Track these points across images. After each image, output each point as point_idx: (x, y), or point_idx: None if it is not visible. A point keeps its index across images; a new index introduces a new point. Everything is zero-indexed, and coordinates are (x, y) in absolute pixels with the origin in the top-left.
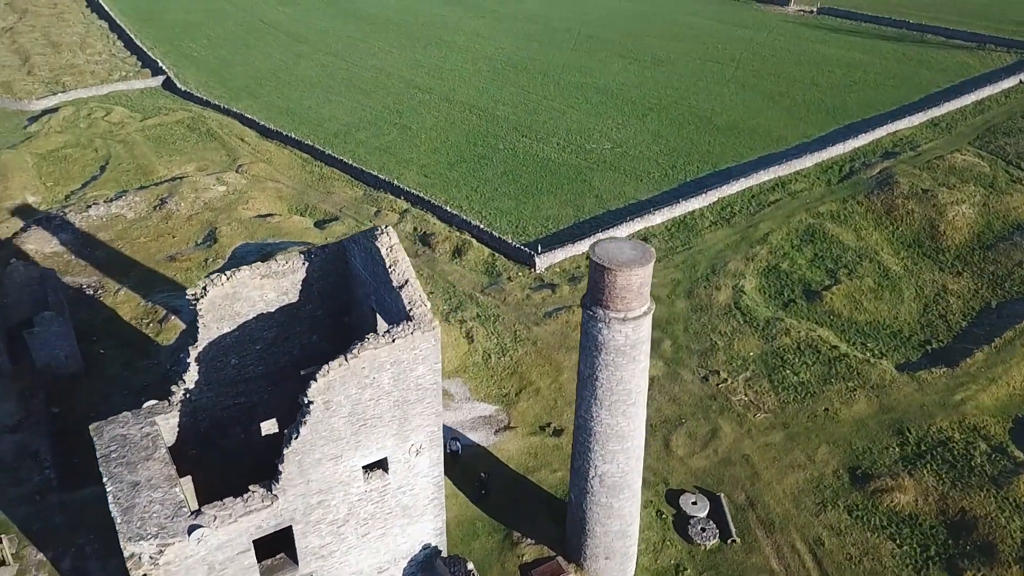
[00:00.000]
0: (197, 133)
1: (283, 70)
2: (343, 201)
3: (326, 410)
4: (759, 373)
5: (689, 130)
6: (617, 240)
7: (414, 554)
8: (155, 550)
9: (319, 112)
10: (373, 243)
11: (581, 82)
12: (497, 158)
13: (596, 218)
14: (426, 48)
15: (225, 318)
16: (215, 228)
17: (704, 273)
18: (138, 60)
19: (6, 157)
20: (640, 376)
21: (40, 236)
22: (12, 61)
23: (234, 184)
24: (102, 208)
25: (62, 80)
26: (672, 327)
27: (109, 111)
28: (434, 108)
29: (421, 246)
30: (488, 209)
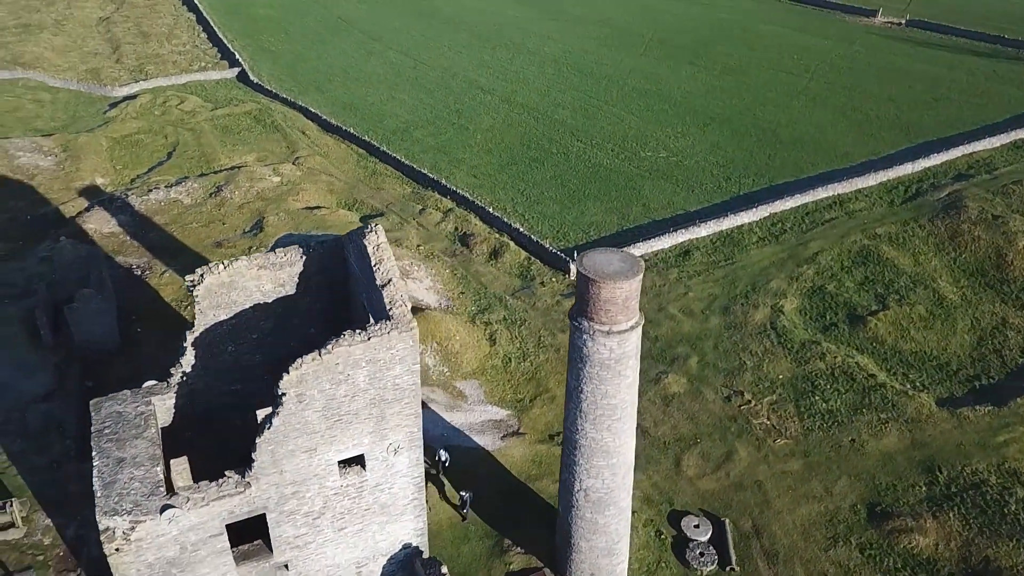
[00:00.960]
0: (262, 124)
1: (353, 66)
2: (391, 198)
3: (299, 403)
4: (786, 397)
5: (750, 142)
6: (606, 251)
7: (394, 552)
8: (128, 526)
9: (381, 109)
10: (361, 240)
11: (645, 88)
12: (548, 162)
13: (640, 227)
14: (494, 49)
15: (222, 306)
16: (263, 217)
17: (743, 290)
18: (218, 52)
19: (83, 140)
20: (626, 391)
21: (101, 216)
22: (104, 49)
23: (288, 175)
24: (162, 192)
25: (145, 69)
26: (701, 344)
27: (183, 100)
28: (493, 109)
29: (460, 246)
30: (532, 212)
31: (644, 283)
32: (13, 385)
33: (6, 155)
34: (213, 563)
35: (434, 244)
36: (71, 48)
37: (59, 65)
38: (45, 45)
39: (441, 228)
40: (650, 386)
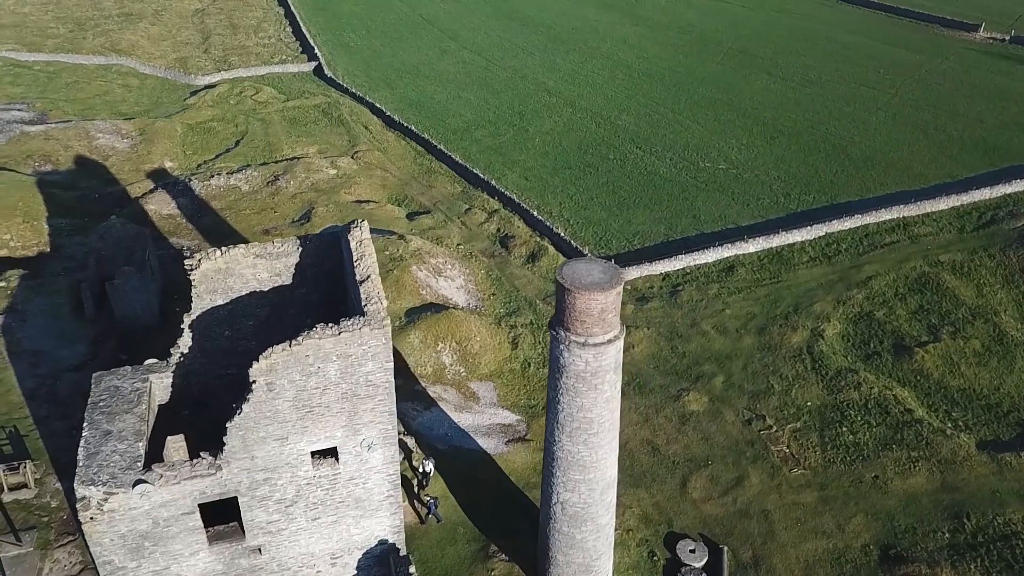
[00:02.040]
0: (329, 118)
1: (425, 64)
2: (440, 196)
3: (269, 391)
4: (810, 426)
5: (817, 158)
6: (589, 261)
7: (369, 547)
8: (102, 496)
9: (446, 107)
10: (347, 235)
11: (716, 98)
12: (603, 167)
13: (686, 239)
14: (568, 53)
15: (218, 291)
16: (313, 208)
17: (784, 311)
18: (300, 46)
19: (159, 125)
20: (603, 407)
21: (162, 198)
22: (194, 39)
23: (345, 169)
24: (222, 179)
25: (229, 60)
26: (730, 363)
27: (259, 90)
28: (556, 112)
29: (499, 247)
30: (578, 218)
31: (680, 297)
32: (52, 353)
33: (87, 136)
34: (185, 540)
35: (474, 244)
36: (165, 37)
37: (152, 53)
38: (142, 34)
39: (484, 228)
40: (669, 402)
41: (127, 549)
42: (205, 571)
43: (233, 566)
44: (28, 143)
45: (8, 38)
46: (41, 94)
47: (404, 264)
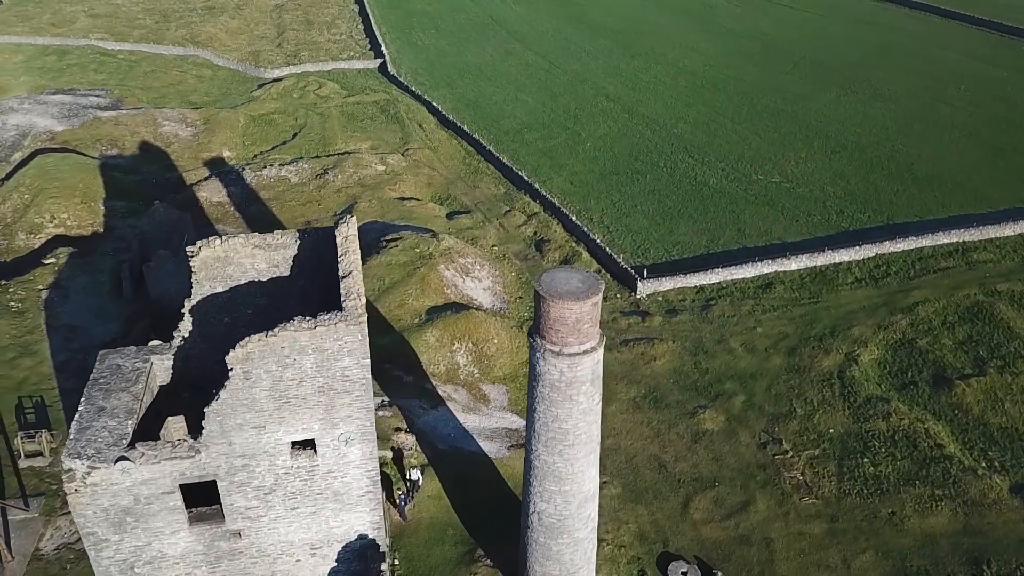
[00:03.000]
0: (385, 115)
1: (488, 65)
2: (483, 196)
3: (245, 380)
4: (829, 454)
5: (879, 175)
6: (571, 269)
7: (349, 540)
8: (86, 470)
9: (502, 108)
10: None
11: (779, 109)
12: (652, 175)
13: (728, 252)
14: (633, 58)
15: (218, 279)
16: (356, 203)
17: (820, 333)
18: (369, 43)
19: (223, 115)
20: (580, 418)
21: (214, 186)
22: (270, 34)
23: (393, 165)
24: (274, 170)
25: (300, 54)
26: (753, 383)
27: (322, 85)
28: (612, 118)
29: (534, 251)
30: (618, 225)
31: (711, 312)
32: (87, 328)
33: (153, 122)
34: (166, 519)
35: (509, 246)
36: (242, 31)
37: (228, 46)
38: (221, 27)
39: (521, 231)
40: (683, 419)
41: (110, 523)
42: (186, 550)
43: (213, 548)
44: (99, 128)
45: (99, 27)
46: (121, 81)
47: (432, 262)
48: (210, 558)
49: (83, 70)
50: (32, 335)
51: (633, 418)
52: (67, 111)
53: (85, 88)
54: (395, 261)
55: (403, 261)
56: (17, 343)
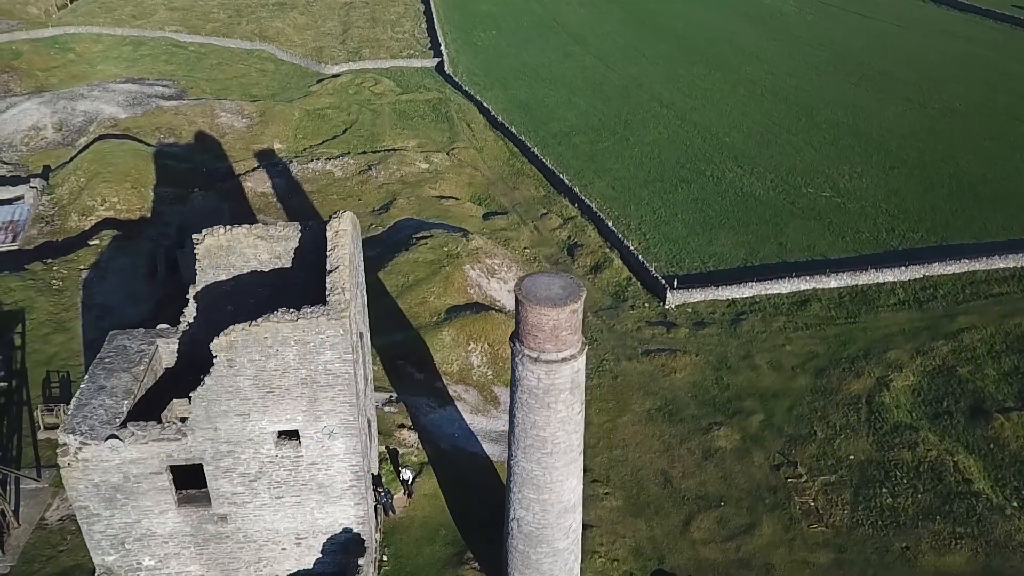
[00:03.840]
0: (436, 114)
1: (545, 67)
2: (522, 198)
3: (229, 368)
4: (846, 481)
5: (938, 194)
6: (554, 275)
7: (334, 533)
8: (78, 445)
9: (553, 111)
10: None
11: (839, 121)
12: (696, 184)
13: (765, 266)
14: (693, 64)
15: (221, 267)
16: (395, 200)
17: (852, 354)
18: (430, 42)
19: (279, 109)
20: (558, 427)
21: (260, 177)
22: (335, 31)
23: (437, 164)
24: (320, 164)
25: (361, 51)
26: (774, 402)
27: (378, 82)
28: (663, 123)
29: (565, 255)
30: (655, 233)
31: (740, 327)
32: (119, 309)
33: (211, 113)
34: (154, 498)
35: (541, 249)
36: (309, 27)
37: (294, 41)
38: (289, 23)
39: (555, 234)
40: (696, 434)
41: (101, 498)
42: (174, 531)
43: (201, 530)
44: (160, 116)
45: (175, 20)
46: (188, 73)
47: (458, 262)
48: (198, 540)
49: (155, 60)
50: (68, 312)
51: (644, 430)
52: (132, 99)
53: (154, 78)
54: (422, 259)
55: (430, 259)
56: (53, 319)
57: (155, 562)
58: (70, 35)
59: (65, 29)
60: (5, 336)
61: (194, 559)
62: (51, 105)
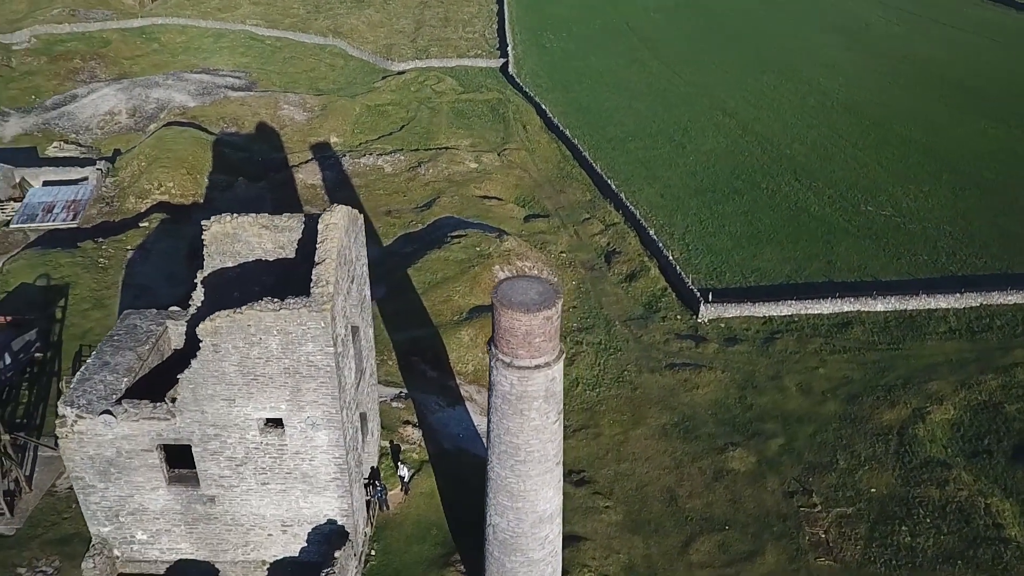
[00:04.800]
0: (494, 114)
1: (610, 71)
2: (567, 202)
3: (215, 353)
4: (863, 515)
5: (1010, 219)
6: (534, 280)
7: (319, 523)
8: (74, 418)
9: (611, 116)
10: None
11: (912, 137)
12: (750, 195)
13: (810, 284)
14: (763, 73)
15: (227, 254)
16: (438, 198)
17: (890, 382)
18: (499, 42)
19: (340, 104)
20: (531, 435)
21: (311, 169)
22: (407, 29)
23: (486, 164)
24: (371, 158)
25: (429, 50)
26: (798, 426)
27: (440, 80)
28: (724, 133)
29: (602, 261)
30: (699, 244)
31: (773, 346)
32: (157, 289)
33: (275, 105)
34: (146, 475)
35: (577, 254)
36: (383, 24)
37: (366, 38)
38: (363, 20)
39: (595, 240)
40: (710, 454)
41: (95, 471)
42: (165, 508)
43: (190, 510)
44: (226, 106)
45: (256, 15)
46: (261, 65)
47: (488, 262)
48: (188, 519)
49: (232, 52)
50: (108, 290)
51: (656, 445)
52: (203, 89)
53: (228, 69)
54: (453, 257)
55: (461, 258)
56: (93, 296)
57: (147, 536)
58: (157, 26)
59: (153, 20)
60: (48, 309)
61: (184, 537)
62: (127, 92)
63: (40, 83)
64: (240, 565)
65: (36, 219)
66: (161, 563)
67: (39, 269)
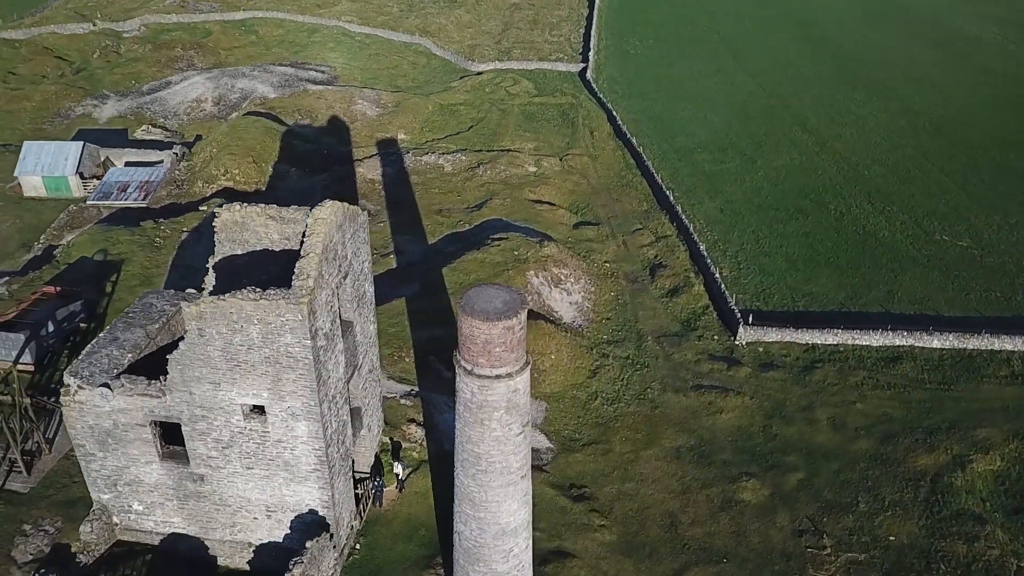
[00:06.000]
0: (563, 119)
1: (691, 80)
2: (620, 211)
3: (200, 336)
4: (876, 563)
5: None
6: (502, 289)
7: (301, 512)
8: (76, 387)
9: (684, 126)
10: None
11: (1007, 164)
12: (814, 216)
13: (861, 313)
14: (853, 89)
15: (236, 241)
16: (490, 200)
17: (933, 425)
18: (583, 47)
19: (413, 101)
20: (492, 445)
21: (373, 165)
22: (495, 30)
23: (545, 168)
24: (433, 157)
25: (512, 52)
26: (822, 462)
27: (516, 83)
28: (799, 149)
29: (647, 274)
30: (751, 263)
31: (811, 375)
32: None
33: (350, 100)
34: (140, 448)
35: (622, 265)
36: (471, 25)
37: (452, 38)
38: (453, 20)
39: (642, 252)
40: (721, 482)
41: (95, 440)
42: (158, 482)
43: (181, 486)
44: (304, 99)
45: (352, 11)
46: (347, 61)
47: (523, 267)
48: (179, 494)
49: (322, 47)
50: (158, 269)
51: (666, 467)
52: (285, 81)
53: (315, 64)
54: (489, 259)
55: (497, 261)
56: (144, 273)
57: (143, 507)
58: (257, 19)
59: (254, 13)
60: (100, 283)
61: (177, 511)
62: (215, 81)
63: (141, 69)
64: (228, 544)
65: (111, 197)
66: (155, 534)
67: (99, 244)
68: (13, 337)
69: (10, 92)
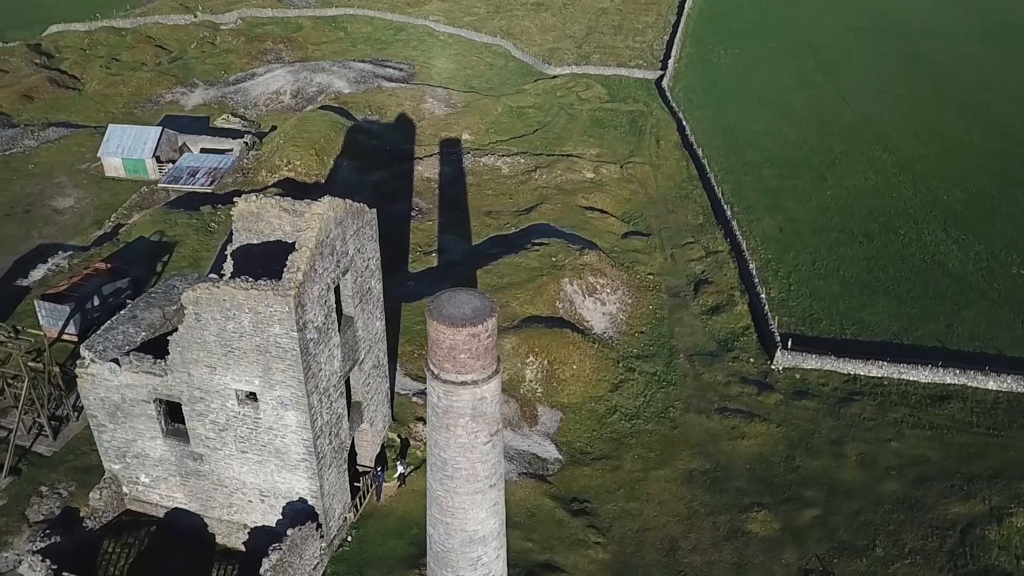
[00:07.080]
0: (632, 126)
1: (772, 92)
2: (674, 223)
3: (196, 321)
4: None
5: None
6: (475, 294)
7: (292, 500)
8: (89, 360)
9: (756, 139)
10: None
11: None
12: (880, 241)
13: (914, 347)
14: (946, 108)
15: (252, 231)
16: (540, 204)
17: (974, 472)
18: (665, 54)
19: (482, 102)
20: (458, 452)
21: (431, 163)
22: (578, 34)
23: (603, 176)
24: (492, 159)
25: (591, 56)
26: (843, 501)
27: (589, 88)
28: (876, 169)
29: (690, 290)
30: (804, 286)
31: (847, 408)
32: None
33: (420, 98)
34: (145, 424)
35: (666, 278)
36: (555, 28)
37: (534, 40)
38: (537, 23)
39: (689, 266)
40: (729, 511)
41: (106, 412)
42: (162, 457)
43: (183, 464)
44: (375, 95)
45: (441, 11)
46: (426, 60)
47: (558, 274)
48: (181, 471)
49: (405, 46)
50: (207, 252)
51: (675, 490)
52: (361, 77)
53: (395, 61)
54: (525, 264)
55: (533, 266)
56: (194, 255)
57: (149, 480)
58: (348, 16)
59: (345, 10)
60: (152, 263)
61: (179, 487)
62: (295, 74)
63: (232, 60)
64: (225, 524)
65: (180, 181)
66: (160, 507)
67: (158, 225)
68: (60, 308)
69: (110, 77)
